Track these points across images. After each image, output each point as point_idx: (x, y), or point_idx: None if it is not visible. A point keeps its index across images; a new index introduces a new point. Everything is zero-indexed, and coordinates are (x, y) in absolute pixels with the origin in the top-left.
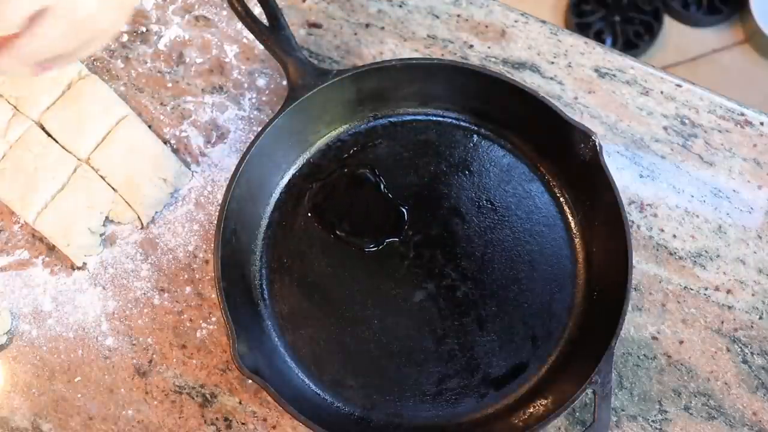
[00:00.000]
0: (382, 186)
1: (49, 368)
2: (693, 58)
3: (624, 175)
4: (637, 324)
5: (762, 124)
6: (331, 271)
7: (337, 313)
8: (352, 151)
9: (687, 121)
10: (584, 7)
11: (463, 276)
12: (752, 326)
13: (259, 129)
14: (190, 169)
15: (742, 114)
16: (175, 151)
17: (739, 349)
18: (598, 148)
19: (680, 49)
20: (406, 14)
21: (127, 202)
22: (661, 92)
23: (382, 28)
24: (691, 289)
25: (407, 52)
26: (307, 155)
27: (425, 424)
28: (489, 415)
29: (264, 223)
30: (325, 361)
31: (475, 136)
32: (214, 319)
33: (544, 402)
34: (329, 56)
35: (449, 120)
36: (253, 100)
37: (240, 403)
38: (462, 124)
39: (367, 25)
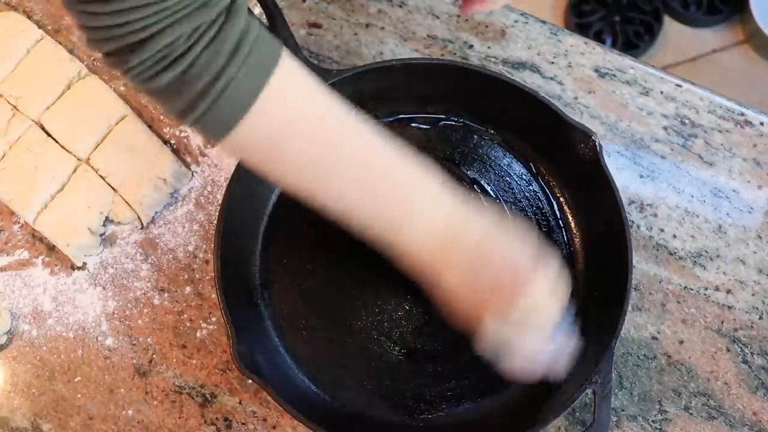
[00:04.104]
0: None
1: (49, 368)
2: (693, 58)
3: (624, 175)
4: (637, 324)
5: (762, 124)
6: (331, 271)
7: (337, 313)
8: None
9: (687, 121)
10: (584, 7)
11: None
12: (752, 326)
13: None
14: (190, 169)
15: (742, 114)
16: (175, 151)
17: (739, 349)
18: (598, 148)
19: (680, 49)
20: (406, 14)
21: (127, 202)
22: (661, 92)
23: (382, 28)
24: (691, 289)
25: (407, 52)
26: None
27: (425, 425)
28: (489, 415)
29: (264, 223)
30: (325, 360)
31: (475, 136)
32: (214, 319)
33: (544, 402)
34: (329, 56)
35: (449, 120)
36: None
37: (240, 403)
38: (462, 124)
39: (367, 25)
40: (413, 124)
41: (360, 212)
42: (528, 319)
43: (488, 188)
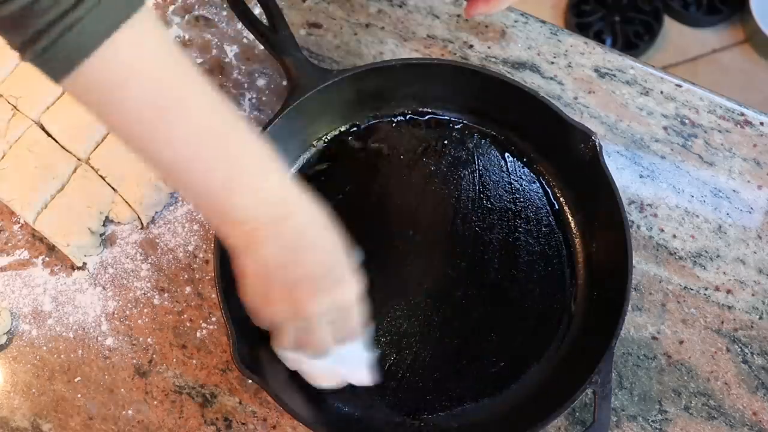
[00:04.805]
0: (382, 186)
1: (49, 368)
2: (693, 58)
3: (624, 175)
4: (637, 324)
5: (762, 124)
6: None
7: None
8: (352, 151)
9: (687, 121)
10: (584, 7)
11: (462, 276)
12: (752, 326)
13: (259, 129)
14: None
15: (742, 114)
16: None
17: (739, 349)
18: (598, 148)
19: (680, 49)
20: (406, 14)
21: (127, 202)
22: (661, 92)
23: (382, 28)
24: (691, 289)
25: (407, 52)
26: (307, 155)
27: (425, 424)
28: (489, 415)
29: None
30: None
31: (475, 135)
32: (214, 319)
33: (544, 402)
34: (329, 56)
35: (449, 120)
36: (253, 101)
37: (240, 403)
38: (462, 124)
39: (367, 25)
40: (413, 125)
41: (189, 171)
42: (334, 313)
43: (488, 188)
